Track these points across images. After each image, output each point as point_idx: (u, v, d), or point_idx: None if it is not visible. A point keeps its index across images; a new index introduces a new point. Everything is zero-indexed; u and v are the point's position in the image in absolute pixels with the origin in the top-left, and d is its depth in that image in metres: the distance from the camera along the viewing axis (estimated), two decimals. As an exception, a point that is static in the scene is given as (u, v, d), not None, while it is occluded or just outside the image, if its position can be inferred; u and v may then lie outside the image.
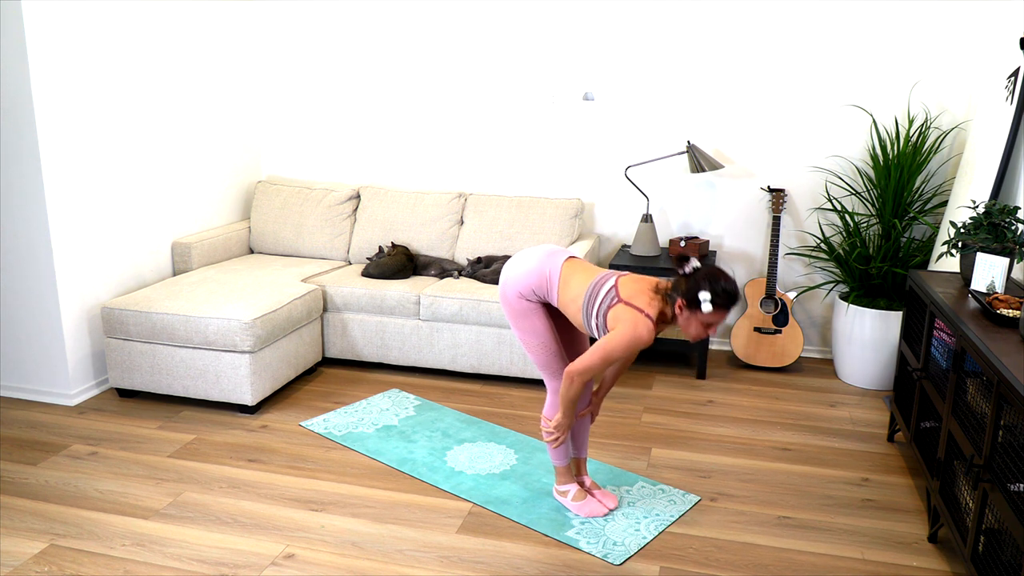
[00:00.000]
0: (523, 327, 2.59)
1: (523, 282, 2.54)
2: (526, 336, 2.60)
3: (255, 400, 3.51)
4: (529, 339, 2.60)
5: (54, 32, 3.37)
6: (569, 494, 2.80)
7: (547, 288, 2.54)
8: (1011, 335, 2.33)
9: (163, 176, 4.11)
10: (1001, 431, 2.12)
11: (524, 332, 2.60)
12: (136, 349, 3.55)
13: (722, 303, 2.32)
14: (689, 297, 2.33)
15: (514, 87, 4.49)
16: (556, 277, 2.53)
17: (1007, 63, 3.51)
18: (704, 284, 2.31)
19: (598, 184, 4.51)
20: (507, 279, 2.57)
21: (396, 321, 3.98)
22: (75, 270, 3.58)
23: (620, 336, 2.35)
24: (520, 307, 2.56)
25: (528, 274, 2.54)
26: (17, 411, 3.54)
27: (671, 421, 3.58)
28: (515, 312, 2.58)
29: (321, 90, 4.76)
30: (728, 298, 2.32)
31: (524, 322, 2.57)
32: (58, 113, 3.43)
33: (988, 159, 3.40)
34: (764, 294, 4.17)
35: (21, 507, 2.76)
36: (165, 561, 2.47)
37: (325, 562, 2.49)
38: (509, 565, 2.49)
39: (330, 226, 4.53)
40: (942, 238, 3.61)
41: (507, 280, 2.57)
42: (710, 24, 4.18)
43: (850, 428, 3.54)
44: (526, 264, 2.56)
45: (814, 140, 4.21)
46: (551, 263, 2.55)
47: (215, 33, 4.41)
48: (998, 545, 2.14)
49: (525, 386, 3.96)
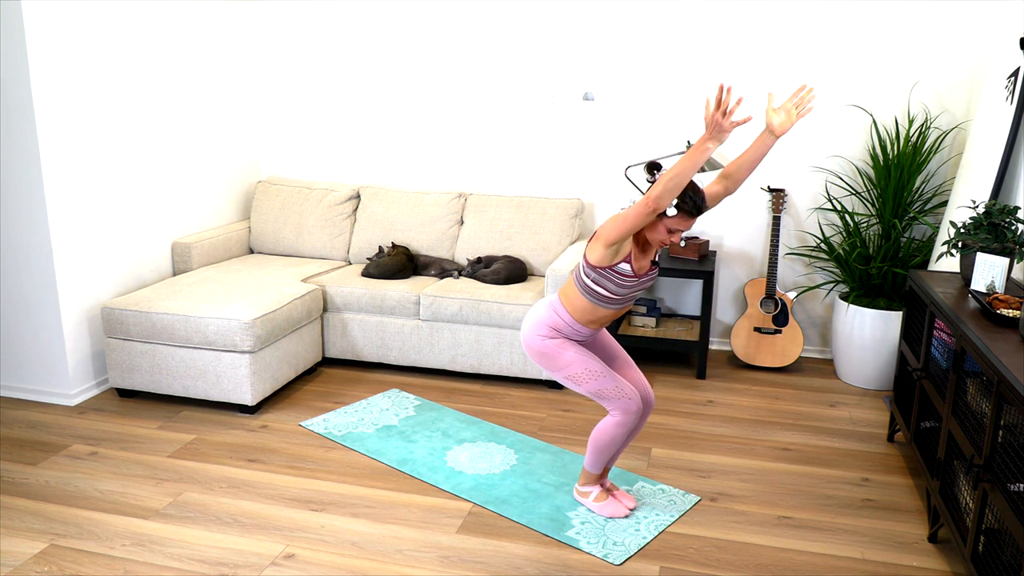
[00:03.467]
0: (560, 365, 2.60)
1: (539, 322, 2.62)
2: (569, 370, 2.59)
3: (255, 400, 3.51)
4: (573, 371, 2.59)
5: (54, 32, 3.37)
6: (591, 495, 2.80)
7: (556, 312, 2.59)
8: (1011, 335, 2.33)
9: (163, 176, 4.11)
10: (1001, 431, 2.12)
11: (565, 368, 2.60)
12: (136, 349, 3.55)
13: (687, 209, 2.35)
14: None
15: (514, 87, 4.49)
16: (557, 299, 2.62)
17: (1007, 63, 3.51)
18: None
19: (598, 184, 4.51)
20: (525, 332, 2.65)
21: (396, 321, 3.98)
22: (75, 270, 3.58)
23: (611, 224, 2.35)
24: (547, 348, 2.60)
25: (539, 315, 2.63)
26: (17, 411, 3.54)
27: (671, 421, 3.58)
28: (546, 356, 2.61)
29: (321, 90, 4.76)
30: (692, 204, 2.35)
31: (559, 360, 2.59)
32: (58, 113, 3.43)
33: (988, 159, 3.40)
34: (764, 294, 4.17)
35: (21, 507, 2.76)
36: (165, 561, 2.47)
37: (325, 562, 2.49)
38: (509, 565, 2.49)
39: (330, 226, 4.53)
40: (942, 238, 3.61)
41: (526, 332, 2.65)
42: (710, 24, 4.18)
43: (850, 428, 3.54)
44: (532, 314, 2.66)
45: (814, 140, 4.21)
46: (548, 297, 2.67)
47: (215, 33, 4.41)
48: (998, 545, 2.14)
49: (525, 386, 3.96)
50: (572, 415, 3.62)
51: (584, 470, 2.80)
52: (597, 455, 2.70)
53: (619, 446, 2.71)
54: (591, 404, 3.73)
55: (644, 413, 2.75)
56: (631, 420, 2.61)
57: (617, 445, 2.67)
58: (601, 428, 2.65)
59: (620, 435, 2.63)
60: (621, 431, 2.63)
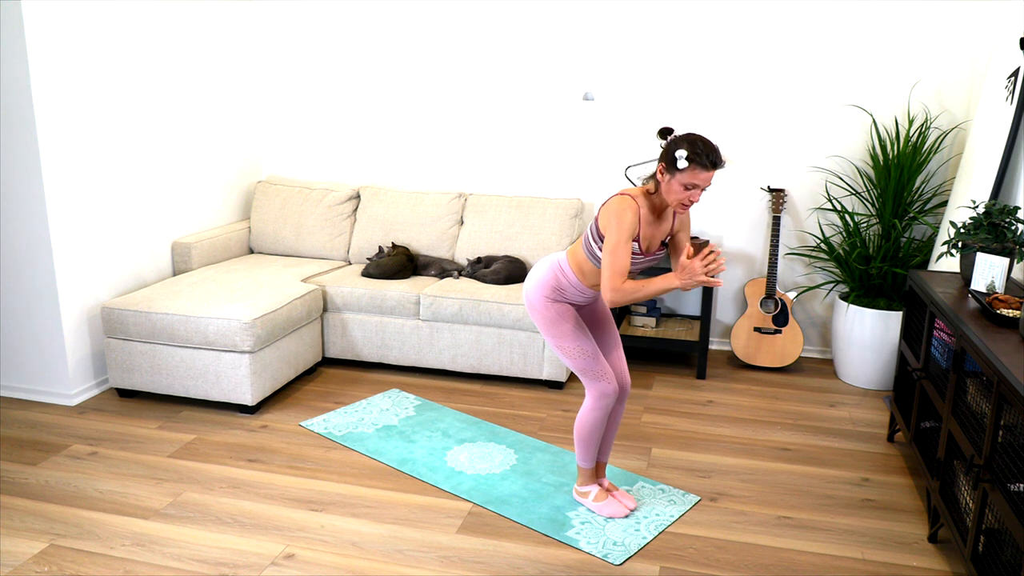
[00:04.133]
0: (557, 333, 2.61)
1: (543, 282, 2.61)
2: (562, 342, 2.61)
3: (255, 400, 3.51)
4: (565, 344, 2.61)
5: (54, 32, 3.37)
6: (591, 495, 2.81)
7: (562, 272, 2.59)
8: (1011, 335, 2.33)
9: (163, 176, 4.11)
10: (1001, 431, 2.12)
11: (560, 338, 2.61)
12: (136, 349, 3.55)
13: (698, 161, 2.31)
14: (668, 159, 2.35)
15: (514, 87, 4.49)
16: (564, 258, 2.61)
17: (1007, 63, 3.51)
18: (681, 143, 2.33)
19: (598, 184, 4.51)
20: (528, 289, 2.65)
21: (396, 321, 3.98)
22: (75, 270, 3.58)
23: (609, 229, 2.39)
24: (550, 313, 2.61)
25: (543, 274, 2.63)
26: (17, 411, 3.54)
27: (671, 421, 3.58)
28: (547, 320, 2.61)
29: (321, 90, 4.76)
30: (704, 155, 2.31)
31: (557, 328, 2.61)
32: (58, 113, 3.43)
33: (988, 159, 3.40)
34: (764, 294, 4.17)
35: (21, 507, 2.76)
36: (165, 561, 2.47)
37: (325, 562, 2.49)
38: (509, 565, 2.49)
39: (330, 226, 4.53)
40: (942, 238, 3.61)
41: (529, 289, 2.65)
42: (710, 24, 4.18)
43: (850, 428, 3.54)
44: (538, 269, 2.66)
45: (814, 140, 4.21)
46: (556, 255, 2.67)
47: (215, 33, 4.41)
48: (998, 545, 2.14)
49: (525, 386, 3.96)
50: (572, 415, 3.62)
51: (579, 468, 2.80)
52: (584, 445, 2.72)
53: (600, 433, 2.71)
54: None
55: (620, 397, 2.77)
56: (606, 404, 2.63)
57: (599, 431, 2.68)
58: (580, 417, 2.69)
59: (598, 419, 2.65)
60: (598, 415, 2.65)
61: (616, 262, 2.37)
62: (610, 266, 2.38)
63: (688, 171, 2.32)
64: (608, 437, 2.82)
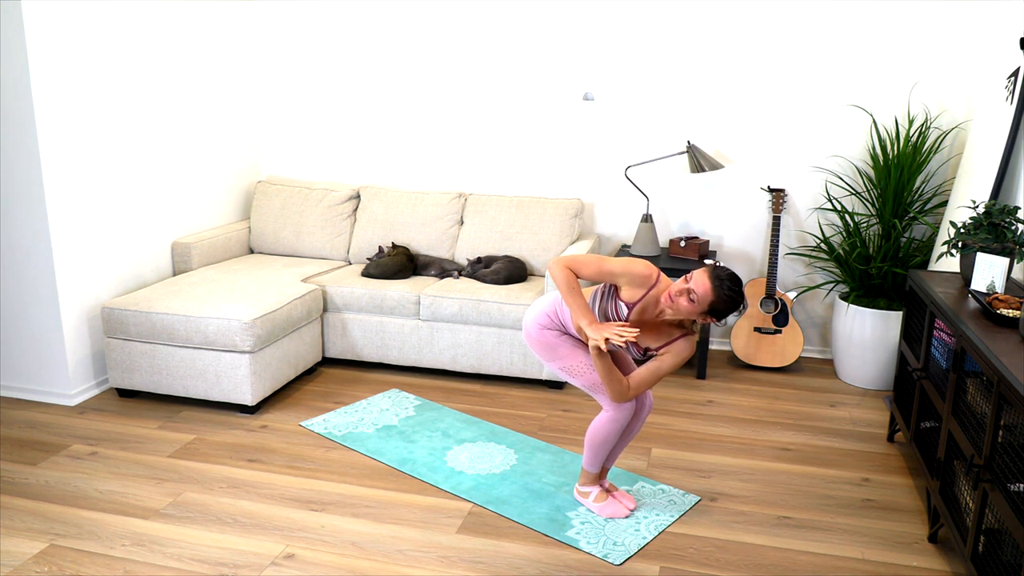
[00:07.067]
0: (558, 356, 2.67)
1: (541, 312, 2.70)
2: (566, 361, 2.66)
3: (255, 400, 3.51)
4: (570, 363, 2.65)
5: (54, 32, 3.37)
6: (591, 495, 2.81)
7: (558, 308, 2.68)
8: (1011, 335, 2.33)
9: (163, 176, 4.11)
10: (1001, 431, 2.12)
11: (562, 360, 2.67)
12: (136, 349, 3.55)
13: (715, 315, 2.44)
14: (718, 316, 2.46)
15: (514, 87, 4.49)
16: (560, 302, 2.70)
17: (1007, 63, 3.51)
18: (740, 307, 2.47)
19: (598, 184, 4.51)
20: (527, 323, 2.72)
21: (396, 321, 3.98)
22: (75, 270, 3.58)
23: (674, 361, 2.56)
24: (546, 339, 2.67)
25: (542, 307, 2.71)
26: (17, 411, 3.54)
27: (671, 421, 3.58)
28: (545, 346, 2.68)
29: (321, 90, 4.76)
30: (721, 313, 2.44)
31: (557, 350, 2.67)
32: (58, 113, 3.43)
33: (988, 159, 3.40)
34: (764, 294, 4.17)
35: (21, 507, 2.76)
36: (165, 561, 2.47)
37: (325, 562, 2.49)
38: (509, 565, 2.49)
39: (330, 226, 4.53)
40: (942, 238, 3.61)
41: (527, 323, 2.72)
42: (710, 24, 4.18)
43: (850, 428, 3.54)
44: (538, 303, 2.74)
45: (814, 140, 4.21)
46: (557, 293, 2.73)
47: (215, 33, 4.41)
48: (998, 545, 2.14)
49: (525, 386, 3.96)
50: (572, 415, 3.62)
51: (583, 469, 2.80)
52: (593, 452, 2.72)
53: (614, 444, 2.72)
54: (591, 404, 3.73)
55: (639, 413, 2.76)
56: (623, 416, 2.63)
57: (612, 442, 2.68)
58: (595, 425, 2.68)
59: (614, 431, 2.65)
60: (615, 427, 2.64)
61: (588, 256, 2.53)
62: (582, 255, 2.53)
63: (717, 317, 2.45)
64: (619, 446, 2.82)
